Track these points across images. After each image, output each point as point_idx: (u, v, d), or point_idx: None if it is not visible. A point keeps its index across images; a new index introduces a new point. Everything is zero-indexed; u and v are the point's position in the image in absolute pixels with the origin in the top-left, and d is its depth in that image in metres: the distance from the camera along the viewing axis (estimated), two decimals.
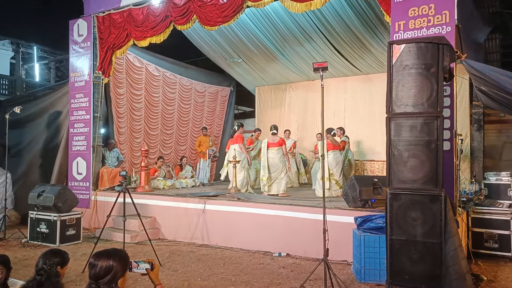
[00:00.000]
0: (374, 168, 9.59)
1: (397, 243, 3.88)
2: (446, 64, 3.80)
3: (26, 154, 8.57)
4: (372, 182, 5.53)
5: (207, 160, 10.22)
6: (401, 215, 3.87)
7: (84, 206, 7.63)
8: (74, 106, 8.26)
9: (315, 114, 10.83)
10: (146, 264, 2.42)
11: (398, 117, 3.91)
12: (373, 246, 4.52)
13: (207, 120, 11.77)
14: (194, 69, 11.42)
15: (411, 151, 3.83)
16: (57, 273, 2.57)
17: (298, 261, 5.45)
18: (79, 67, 8.25)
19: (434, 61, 3.79)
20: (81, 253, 5.92)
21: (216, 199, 6.80)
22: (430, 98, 3.79)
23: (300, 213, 5.79)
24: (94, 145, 7.99)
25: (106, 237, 6.67)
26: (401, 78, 3.89)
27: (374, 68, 9.78)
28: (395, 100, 3.93)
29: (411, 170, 3.84)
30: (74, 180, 8.15)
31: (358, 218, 4.86)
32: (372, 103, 10.09)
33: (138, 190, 7.81)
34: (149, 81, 9.84)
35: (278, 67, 10.49)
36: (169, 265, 5.28)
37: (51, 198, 6.42)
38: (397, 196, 3.88)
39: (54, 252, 2.67)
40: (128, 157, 9.36)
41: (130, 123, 9.39)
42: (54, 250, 2.69)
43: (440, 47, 3.78)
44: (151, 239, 5.67)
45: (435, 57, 3.79)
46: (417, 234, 3.80)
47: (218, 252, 6.01)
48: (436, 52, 3.79)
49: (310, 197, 7.20)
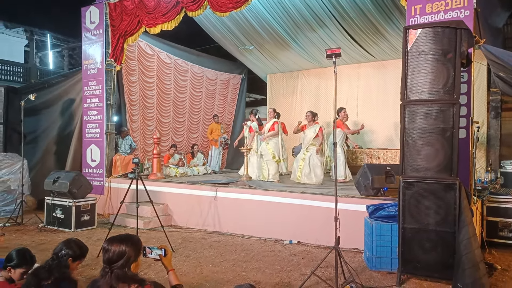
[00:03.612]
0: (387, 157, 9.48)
1: (409, 231, 3.86)
2: (464, 49, 3.70)
3: (41, 141, 8.72)
4: (385, 171, 5.48)
5: (219, 148, 10.26)
6: (414, 204, 3.83)
7: (98, 192, 7.76)
8: (87, 93, 8.33)
9: (328, 102, 10.73)
10: (159, 250, 2.45)
11: (413, 104, 3.84)
12: (384, 234, 4.50)
13: (219, 107, 11.76)
14: (206, 57, 11.38)
15: (426, 139, 3.77)
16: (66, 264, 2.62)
17: (309, 249, 5.47)
18: (91, 54, 8.30)
19: (451, 46, 3.69)
20: (96, 238, 6.03)
21: (227, 187, 6.83)
22: (446, 84, 3.71)
23: (312, 201, 5.79)
24: (107, 132, 8.07)
25: (120, 223, 6.78)
26: (417, 64, 3.81)
27: (388, 54, 9.61)
28: (410, 86, 3.85)
29: (425, 158, 3.78)
30: (88, 167, 8.27)
31: (370, 206, 4.83)
32: (386, 90, 9.93)
33: (150, 177, 7.89)
34: (161, 69, 9.85)
35: (290, 54, 10.38)
36: (182, 251, 5.36)
37: (66, 184, 6.54)
38: (410, 185, 3.84)
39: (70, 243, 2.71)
40: (141, 144, 9.45)
41: (143, 110, 9.45)
42: (71, 242, 2.73)
43: (458, 31, 3.68)
44: (164, 226, 5.75)
45: (452, 42, 3.69)
46: (430, 222, 3.76)
47: (229, 239, 6.06)
48: (453, 37, 3.69)
49: (322, 185, 7.18)
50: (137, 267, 2.26)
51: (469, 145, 4.72)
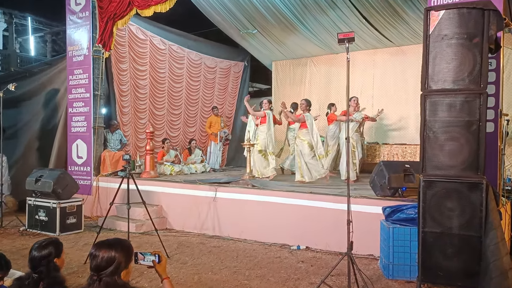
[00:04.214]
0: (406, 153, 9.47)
1: (430, 236, 3.86)
2: (492, 33, 3.67)
3: (22, 135, 8.77)
4: (403, 169, 5.49)
5: (219, 143, 10.27)
6: (436, 205, 3.83)
7: (85, 192, 7.80)
8: (73, 83, 8.36)
9: (339, 92, 10.71)
10: (153, 256, 2.47)
11: (434, 95, 3.83)
12: (403, 239, 4.51)
13: (218, 98, 11.78)
14: (204, 42, 11.37)
15: (449, 133, 3.76)
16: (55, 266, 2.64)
17: (319, 255, 5.48)
18: (77, 40, 8.31)
19: (478, 29, 3.67)
20: (83, 243, 6.08)
21: (228, 186, 6.85)
22: (472, 72, 3.69)
23: (322, 202, 5.80)
24: (95, 126, 8.10)
25: (109, 226, 6.82)
26: (439, 49, 3.79)
27: (407, 39, 9.55)
28: (431, 75, 3.84)
29: (448, 155, 3.77)
30: (74, 165, 8.31)
31: (386, 208, 4.84)
32: (405, 79, 9.89)
33: (143, 176, 7.93)
34: (154, 56, 9.87)
35: (298, 39, 10.35)
36: (178, 257, 5.39)
37: (50, 183, 6.58)
38: (432, 184, 3.84)
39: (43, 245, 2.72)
40: (132, 139, 9.48)
41: (134, 102, 9.47)
42: (43, 243, 2.75)
43: (485, 13, 3.65)
44: (158, 229, 5.78)
45: (479, 25, 3.67)
46: (453, 226, 3.76)
47: (230, 244, 6.09)
48: (480, 19, 3.66)
49: (333, 184, 7.19)
50: (128, 274, 2.28)
51: (497, 140, 4.71)
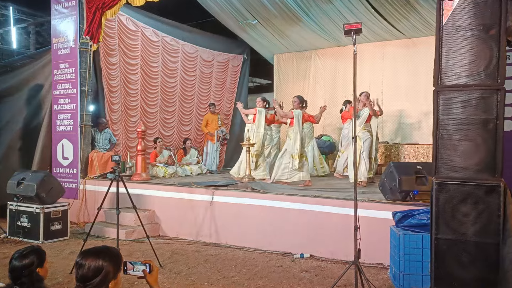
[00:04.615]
0: (418, 153, 9.48)
1: (443, 243, 3.85)
2: (510, 24, 3.67)
3: (4, 135, 8.75)
4: (415, 170, 5.48)
5: (216, 143, 10.28)
6: (450, 210, 3.83)
7: (71, 196, 7.80)
8: (58, 78, 8.36)
9: (346, 87, 10.71)
10: (143, 265, 2.47)
11: (448, 90, 3.82)
12: (414, 246, 4.51)
13: (216, 94, 11.78)
14: (200, 34, 11.38)
15: (464, 132, 3.76)
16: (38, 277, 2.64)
17: (324, 264, 5.49)
18: (62, 31, 8.31)
19: (495, 20, 3.67)
20: (69, 251, 6.08)
21: (226, 190, 6.85)
22: (488, 66, 3.69)
23: (327, 206, 5.80)
24: (82, 124, 8.10)
25: (97, 233, 6.82)
26: (453, 42, 3.79)
27: (419, 30, 9.56)
28: (445, 69, 3.84)
29: (463, 156, 3.77)
30: (59, 166, 8.32)
31: (397, 214, 4.83)
32: (417, 73, 9.90)
33: (134, 178, 7.93)
34: (146, 48, 9.87)
35: (301, 30, 10.36)
36: (171, 267, 5.39)
37: (33, 187, 6.58)
38: (445, 187, 3.84)
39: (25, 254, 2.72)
40: (123, 139, 9.48)
41: (125, 98, 9.47)
42: (24, 252, 2.75)
43: (503, 2, 3.65)
44: (150, 236, 5.78)
45: (496, 16, 3.66)
46: (469, 232, 3.76)
47: (228, 252, 6.10)
48: (497, 9, 3.66)
49: (338, 187, 7.20)
50: (116, 285, 2.27)
51: None
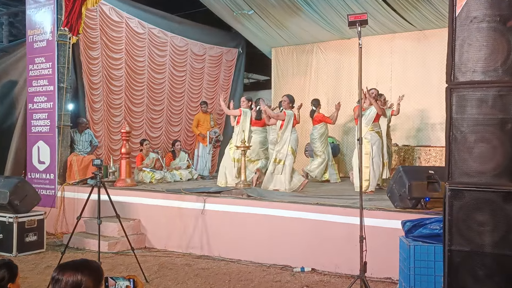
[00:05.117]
0: (430, 157, 9.50)
1: (458, 255, 3.86)
2: None
3: None
4: (427, 175, 5.50)
5: (208, 146, 10.27)
6: (464, 219, 3.84)
7: (48, 204, 7.77)
8: (34, 73, 8.34)
9: (351, 84, 10.72)
10: (127, 281, 2.46)
11: (462, 88, 3.84)
12: (426, 259, 4.50)
13: (208, 92, 11.78)
14: (191, 25, 11.38)
15: (479, 133, 3.77)
16: None
17: (327, 278, 5.49)
18: (38, 22, 8.30)
19: None
20: (45, 265, 6.06)
21: (219, 197, 6.85)
22: (506, 61, 3.70)
23: (330, 215, 5.81)
24: (60, 125, 8.08)
25: (77, 245, 6.82)
26: (468, 34, 3.81)
27: (431, 22, 9.59)
28: (458, 64, 3.85)
29: (479, 159, 3.78)
30: (34, 171, 8.30)
31: (407, 223, 4.84)
32: (428, 69, 9.92)
33: (117, 184, 7.93)
34: (131, 41, 9.86)
35: (302, 21, 10.37)
36: (158, 282, 5.38)
37: (5, 193, 6.55)
38: (459, 194, 3.84)
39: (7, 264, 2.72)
40: (105, 141, 9.48)
41: (107, 96, 9.47)
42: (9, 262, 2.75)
43: None
44: (135, 248, 5.76)
45: None
46: (485, 243, 3.77)
47: (221, 265, 6.10)
48: None
49: (342, 193, 7.22)
50: None
51: None
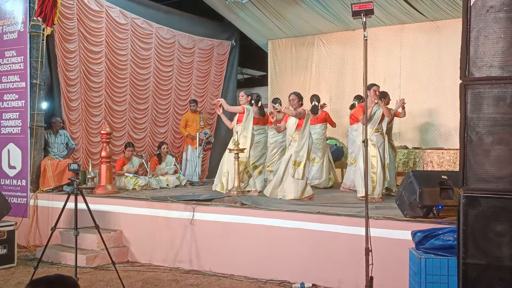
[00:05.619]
0: (444, 160, 9.52)
1: (473, 269, 3.87)
2: None
3: None
4: (439, 181, 5.50)
5: (198, 148, 10.25)
6: (481, 229, 3.84)
7: (20, 214, 7.74)
8: (3, 68, 8.32)
9: (356, 79, 10.75)
10: None
11: (478, 84, 3.85)
12: (438, 273, 4.51)
13: (198, 89, 11.78)
14: (179, 15, 11.39)
15: (497, 134, 3.78)
16: None
17: None
18: (9, 11, 8.28)
19: None
20: (16, 281, 6.02)
21: (210, 205, 6.83)
22: None
23: (333, 225, 5.80)
24: (33, 126, 8.05)
25: (51, 259, 6.78)
26: (484, 25, 3.82)
27: (444, 11, 9.63)
28: (473, 58, 3.86)
29: (497, 163, 3.79)
30: (4, 177, 8.27)
31: (417, 233, 4.84)
32: (441, 63, 9.97)
33: (97, 192, 7.90)
34: (112, 33, 9.84)
35: (302, 10, 10.40)
36: None
37: None
38: (475, 201, 3.85)
39: None
40: (83, 143, 9.45)
41: (85, 93, 9.44)
42: None
43: None
44: (116, 262, 5.74)
45: None
46: (503, 256, 3.77)
47: (212, 281, 6.08)
48: None
49: (346, 201, 7.23)
50: None
51: None
